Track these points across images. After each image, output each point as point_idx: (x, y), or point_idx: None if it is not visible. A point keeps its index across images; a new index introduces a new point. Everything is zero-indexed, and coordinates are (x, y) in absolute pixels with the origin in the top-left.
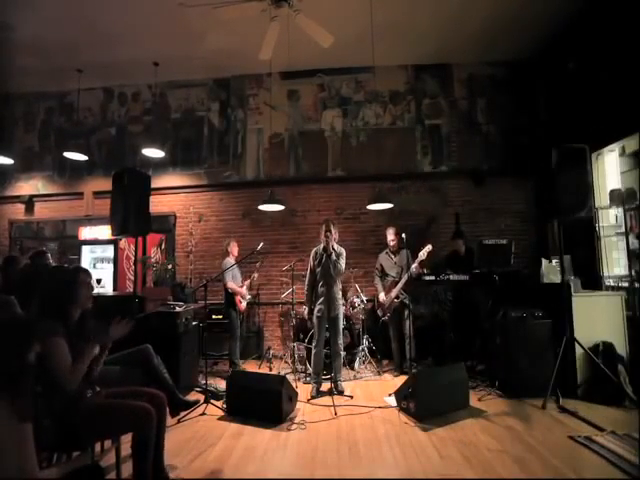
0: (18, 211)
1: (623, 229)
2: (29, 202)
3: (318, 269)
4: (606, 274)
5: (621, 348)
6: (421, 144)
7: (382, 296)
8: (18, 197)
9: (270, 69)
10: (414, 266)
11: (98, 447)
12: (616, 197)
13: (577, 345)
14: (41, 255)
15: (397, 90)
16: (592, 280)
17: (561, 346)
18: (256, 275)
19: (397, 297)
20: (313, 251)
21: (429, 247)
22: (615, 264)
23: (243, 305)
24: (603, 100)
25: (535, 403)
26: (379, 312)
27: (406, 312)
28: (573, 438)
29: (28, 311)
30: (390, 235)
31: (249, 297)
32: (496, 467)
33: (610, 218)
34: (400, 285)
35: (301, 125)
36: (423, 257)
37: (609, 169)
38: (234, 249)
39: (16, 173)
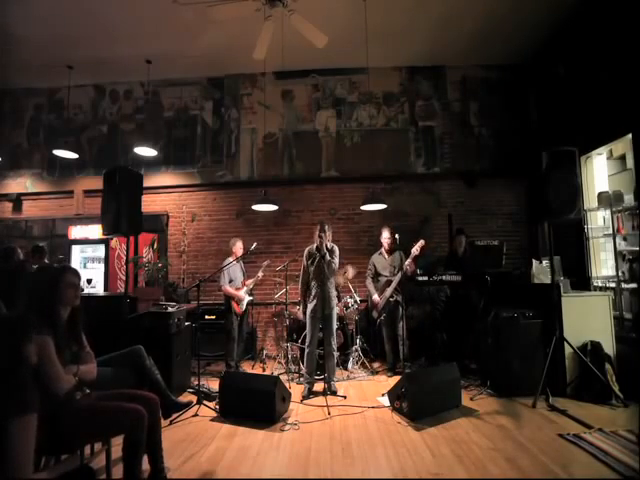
0: (5, 209)
1: (611, 231)
2: (17, 200)
3: (312, 269)
4: (594, 275)
5: (608, 347)
6: (414, 145)
7: (376, 297)
8: (5, 195)
9: (264, 69)
10: (408, 262)
11: (88, 449)
12: (604, 199)
13: (566, 344)
14: (10, 253)
15: (391, 91)
16: (581, 281)
17: (551, 346)
18: (260, 274)
19: (391, 297)
20: (306, 251)
21: (422, 242)
22: (603, 265)
23: (241, 307)
24: (592, 104)
25: (526, 402)
26: (374, 314)
27: (400, 313)
28: (562, 436)
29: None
30: (384, 238)
31: (249, 298)
32: (488, 465)
33: (598, 220)
34: (394, 284)
35: (295, 125)
36: (416, 252)
37: (597, 172)
38: (238, 250)
39: (3, 171)
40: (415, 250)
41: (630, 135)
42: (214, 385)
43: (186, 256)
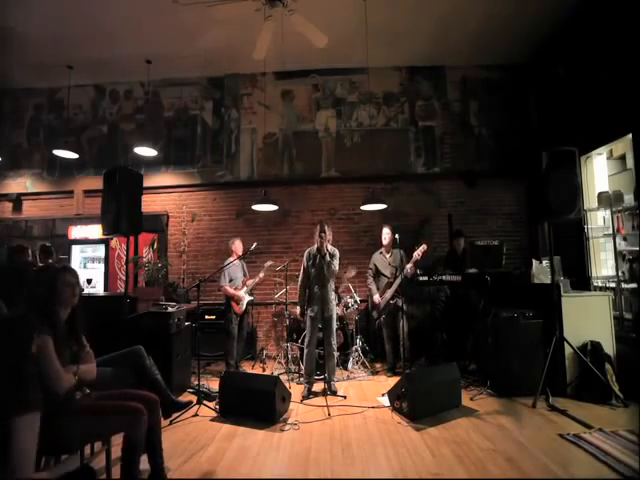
0: (5, 209)
1: (611, 231)
2: (17, 200)
3: (312, 270)
4: (594, 275)
5: (608, 347)
6: (414, 145)
7: (377, 297)
8: (5, 195)
9: (264, 69)
10: (409, 266)
11: (88, 449)
12: (604, 199)
13: (566, 344)
14: (21, 252)
15: (391, 91)
16: (581, 281)
17: (551, 346)
18: (262, 275)
19: (392, 298)
20: (307, 252)
21: (424, 247)
22: (603, 265)
23: (240, 307)
24: (592, 104)
25: (526, 402)
26: (374, 314)
27: (400, 313)
28: (562, 436)
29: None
30: (384, 234)
31: (249, 298)
32: (488, 466)
33: (598, 220)
34: (395, 286)
35: (295, 125)
36: (418, 257)
37: (597, 172)
38: (238, 249)
39: (3, 170)
40: (417, 254)
41: (630, 135)
42: (214, 385)
43: (186, 256)
